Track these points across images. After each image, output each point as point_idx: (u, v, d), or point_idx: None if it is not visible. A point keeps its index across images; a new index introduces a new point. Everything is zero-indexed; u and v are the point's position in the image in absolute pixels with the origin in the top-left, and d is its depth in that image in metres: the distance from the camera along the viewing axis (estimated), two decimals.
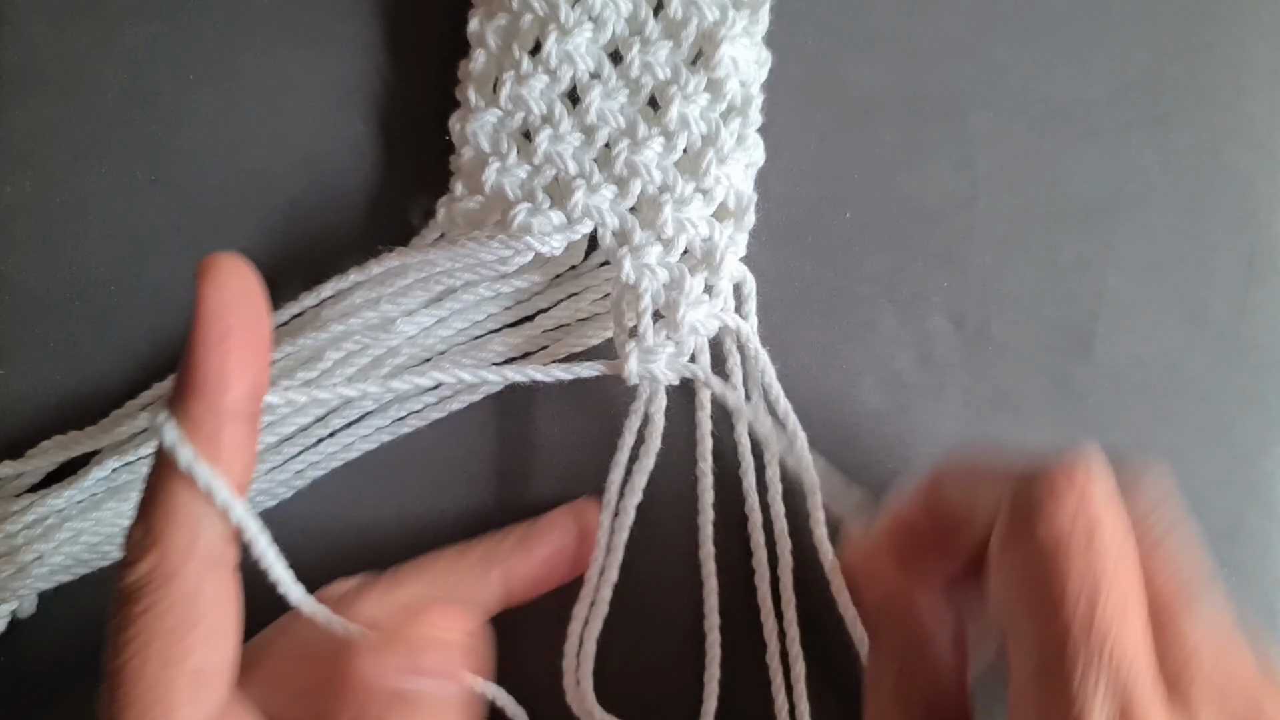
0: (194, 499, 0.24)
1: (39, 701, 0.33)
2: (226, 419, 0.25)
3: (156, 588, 0.24)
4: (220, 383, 0.25)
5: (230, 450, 0.25)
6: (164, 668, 0.24)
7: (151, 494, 0.24)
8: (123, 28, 0.35)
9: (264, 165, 0.35)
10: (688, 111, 0.33)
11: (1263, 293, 0.35)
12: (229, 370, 0.25)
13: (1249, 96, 0.36)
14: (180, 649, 0.24)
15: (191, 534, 0.24)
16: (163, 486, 0.24)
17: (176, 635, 0.24)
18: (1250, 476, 0.35)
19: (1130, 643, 0.23)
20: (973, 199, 0.35)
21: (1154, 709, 0.22)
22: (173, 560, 0.24)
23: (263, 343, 0.26)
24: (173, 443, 0.24)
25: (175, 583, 0.24)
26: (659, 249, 0.32)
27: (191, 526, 0.24)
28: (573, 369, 0.32)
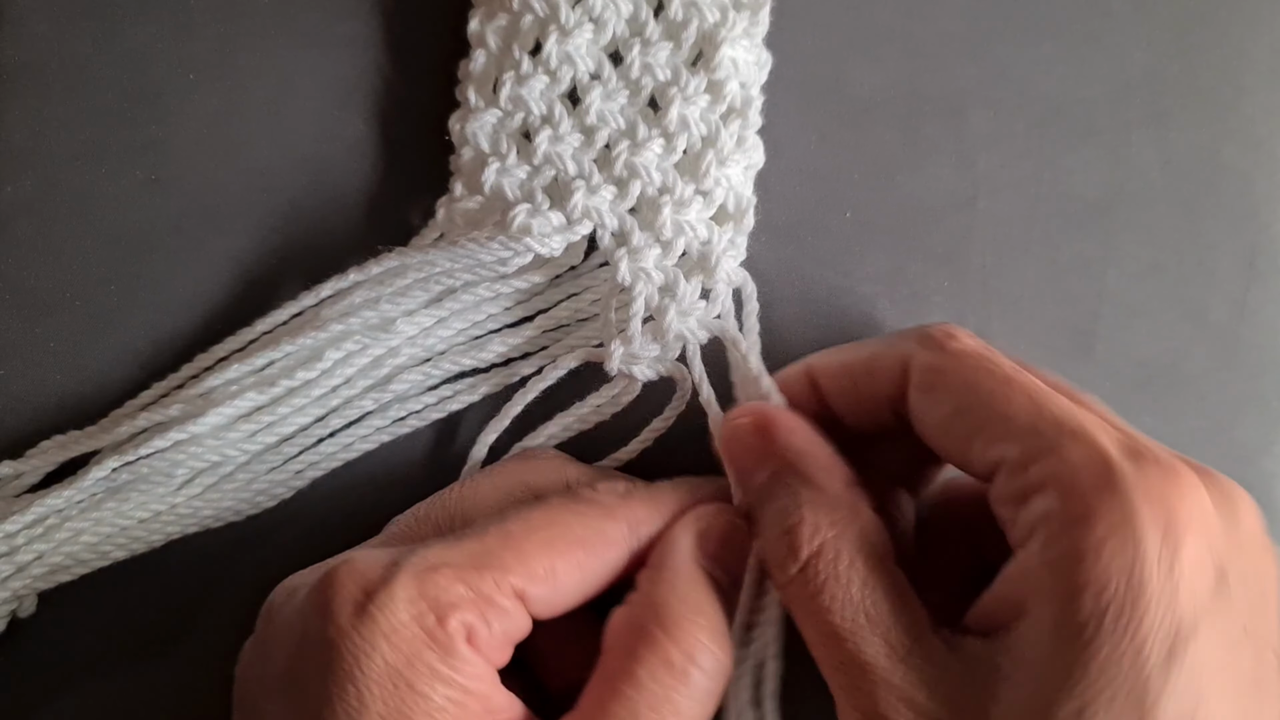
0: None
1: (39, 701, 0.33)
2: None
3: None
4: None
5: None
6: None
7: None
8: (123, 27, 0.35)
9: (264, 165, 0.35)
10: (688, 113, 0.33)
11: (1263, 293, 0.35)
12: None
13: (1249, 96, 0.36)
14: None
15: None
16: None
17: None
18: (1250, 476, 0.35)
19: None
20: (973, 199, 0.35)
21: (1138, 438, 0.26)
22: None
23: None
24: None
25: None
26: (657, 251, 0.32)
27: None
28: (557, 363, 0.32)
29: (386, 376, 0.33)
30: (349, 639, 0.25)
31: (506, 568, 0.26)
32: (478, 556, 0.26)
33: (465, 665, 0.25)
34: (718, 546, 0.28)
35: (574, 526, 0.28)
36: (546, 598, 0.27)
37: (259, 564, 0.33)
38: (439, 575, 0.26)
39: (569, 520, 0.28)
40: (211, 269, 0.35)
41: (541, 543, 0.27)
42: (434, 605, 0.25)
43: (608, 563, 0.28)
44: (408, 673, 0.25)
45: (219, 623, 0.33)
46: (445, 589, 0.25)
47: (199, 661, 0.33)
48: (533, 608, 0.27)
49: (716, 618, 0.27)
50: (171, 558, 0.33)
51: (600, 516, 0.28)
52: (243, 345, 0.34)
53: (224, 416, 0.32)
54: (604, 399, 0.33)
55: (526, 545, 0.27)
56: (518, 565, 0.26)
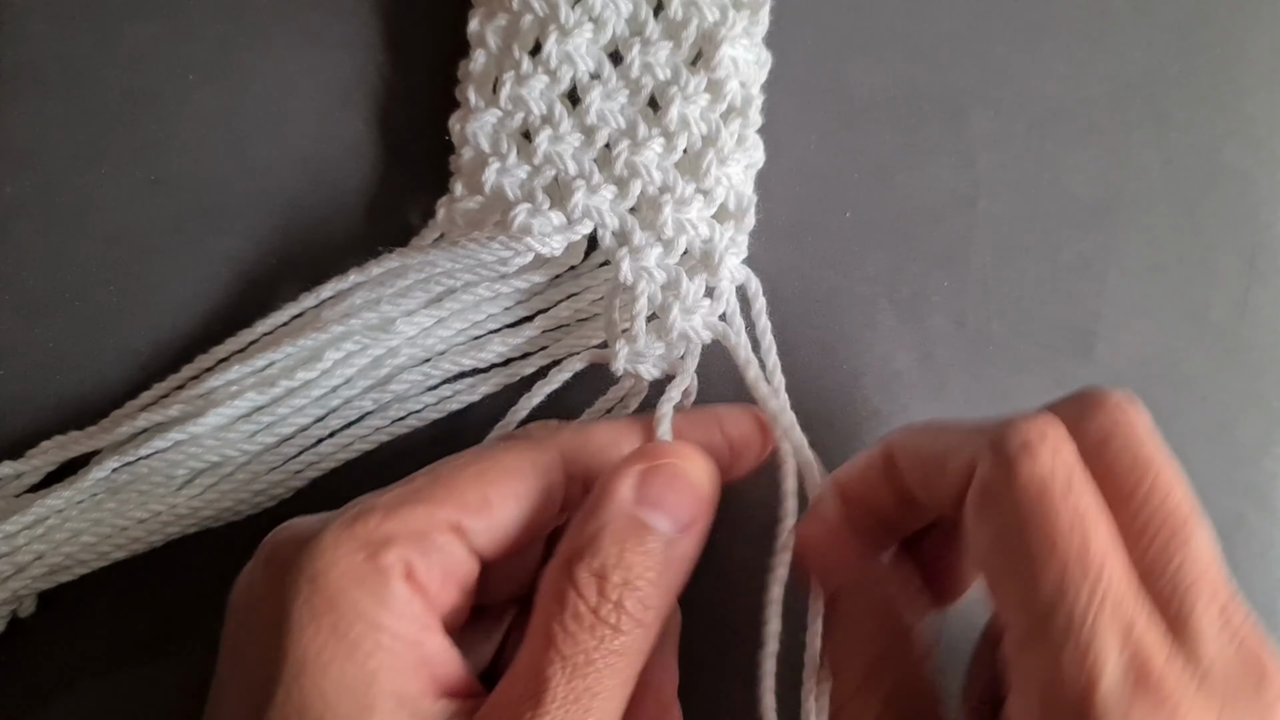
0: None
1: (39, 701, 0.33)
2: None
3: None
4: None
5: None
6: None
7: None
8: (123, 28, 0.35)
9: (264, 165, 0.35)
10: (688, 112, 0.33)
11: (1264, 292, 0.35)
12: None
13: (1249, 96, 0.36)
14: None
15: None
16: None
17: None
18: (1251, 476, 0.35)
19: (1124, 575, 0.23)
20: (973, 199, 0.35)
21: (1159, 636, 0.23)
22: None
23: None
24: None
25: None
26: (659, 250, 0.32)
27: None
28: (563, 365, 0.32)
29: (386, 376, 0.33)
30: (277, 588, 0.25)
31: (437, 501, 0.26)
32: (405, 495, 0.26)
33: (399, 603, 0.24)
34: (661, 487, 0.27)
35: (504, 458, 0.27)
36: (485, 530, 0.26)
37: None
38: (368, 518, 0.25)
39: (498, 454, 0.27)
40: (211, 269, 0.35)
41: (472, 475, 0.27)
42: (363, 545, 0.25)
43: (543, 492, 0.27)
44: (330, 615, 0.24)
45: (219, 623, 0.33)
46: (374, 529, 0.25)
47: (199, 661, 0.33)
48: (474, 542, 0.26)
49: (641, 565, 0.25)
50: (171, 558, 0.32)
51: (529, 446, 0.28)
52: (243, 346, 0.34)
53: (224, 417, 0.32)
54: (613, 401, 0.33)
55: (457, 479, 0.26)
56: (448, 498, 0.26)
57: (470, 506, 0.26)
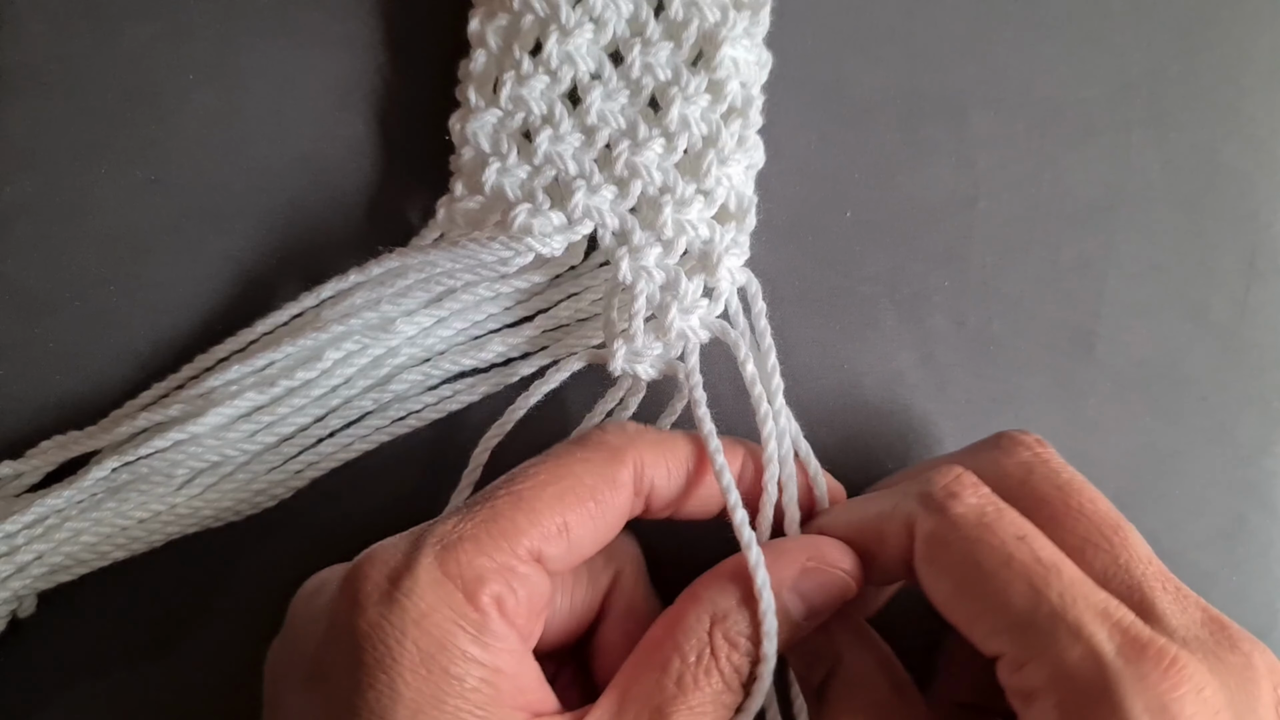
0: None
1: (39, 701, 0.33)
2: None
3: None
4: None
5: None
6: (554, 500, 0.27)
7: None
8: (123, 28, 0.35)
9: (264, 165, 0.35)
10: (688, 112, 0.33)
11: (1264, 292, 0.35)
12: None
13: (1249, 96, 0.36)
14: (578, 504, 0.27)
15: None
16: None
17: (582, 493, 0.27)
18: (1251, 476, 0.35)
19: (1081, 573, 0.25)
20: (973, 199, 0.35)
21: (1133, 616, 0.24)
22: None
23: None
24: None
25: (622, 471, 0.28)
26: (658, 250, 0.32)
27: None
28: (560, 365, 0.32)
29: (386, 376, 0.33)
30: (379, 629, 0.25)
31: (521, 531, 0.26)
32: (491, 524, 0.26)
33: (499, 641, 0.25)
34: (814, 589, 0.28)
35: (583, 476, 0.28)
36: (562, 555, 0.27)
37: (259, 564, 0.33)
38: (460, 551, 0.25)
39: (576, 470, 0.28)
40: (211, 269, 0.35)
41: (552, 499, 0.27)
42: (461, 584, 0.25)
43: (617, 509, 0.28)
44: (440, 657, 0.24)
45: (219, 623, 0.33)
46: (468, 564, 0.25)
47: (199, 661, 0.33)
48: (551, 567, 0.27)
49: (771, 645, 0.27)
50: (171, 558, 0.32)
51: (606, 460, 0.28)
52: (243, 346, 0.34)
53: (224, 416, 0.32)
54: (613, 402, 0.33)
55: (538, 504, 0.27)
56: (531, 527, 0.26)
57: (550, 535, 0.27)
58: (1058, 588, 0.24)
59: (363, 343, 0.33)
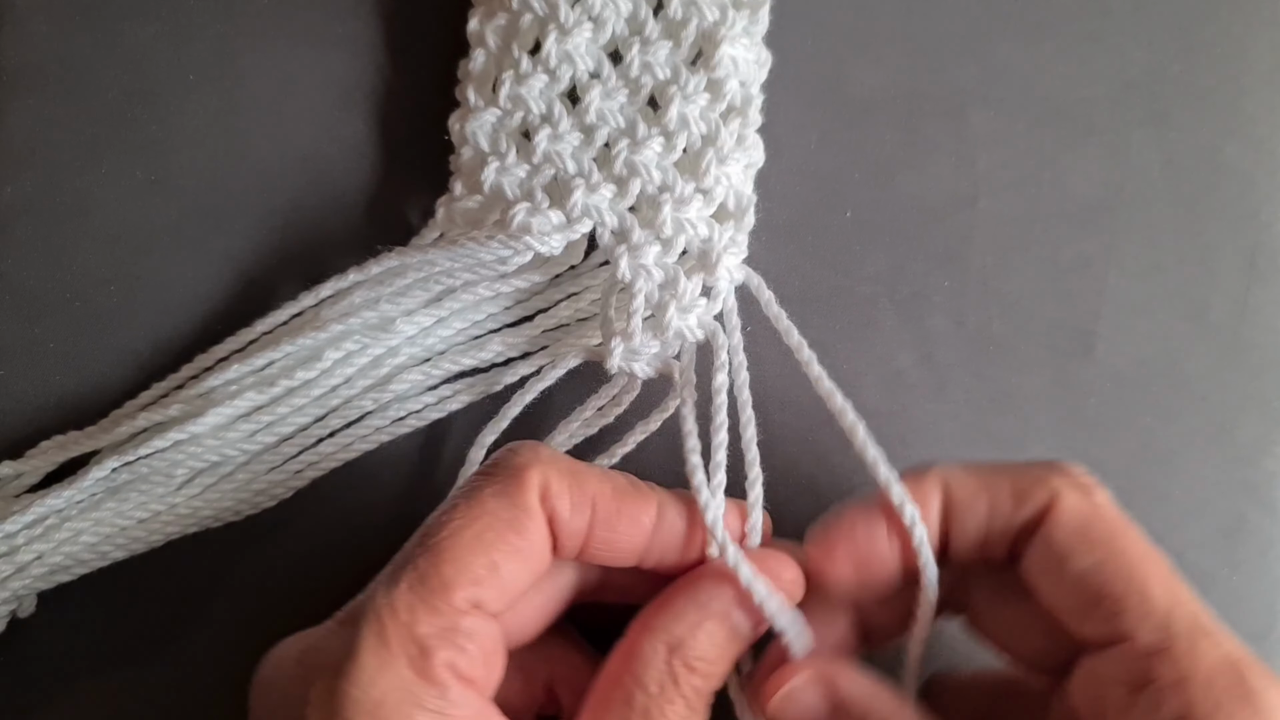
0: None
1: (39, 701, 0.33)
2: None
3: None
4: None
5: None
6: (474, 542, 0.26)
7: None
8: (123, 28, 0.35)
9: (264, 165, 0.35)
10: (687, 111, 0.33)
11: (1264, 292, 0.35)
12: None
13: (1249, 96, 0.36)
14: (499, 541, 0.26)
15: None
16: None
17: (501, 529, 0.26)
18: (1251, 476, 0.35)
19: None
20: (973, 198, 0.35)
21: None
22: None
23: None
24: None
25: (531, 499, 0.27)
26: (657, 249, 0.32)
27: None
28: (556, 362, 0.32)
29: (386, 376, 0.33)
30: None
31: (451, 585, 0.25)
32: (418, 585, 0.25)
33: (460, 709, 0.24)
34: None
35: (497, 510, 0.26)
36: (498, 596, 0.26)
37: (259, 564, 0.33)
38: (394, 622, 0.24)
39: (489, 506, 0.26)
40: (211, 269, 0.35)
41: (472, 541, 0.26)
42: (408, 661, 0.24)
43: (540, 536, 0.27)
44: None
45: (219, 623, 0.33)
46: (409, 637, 0.24)
47: (199, 661, 0.33)
48: (491, 609, 0.26)
49: (727, 659, 0.27)
50: (171, 558, 0.32)
51: (515, 487, 0.26)
52: (243, 345, 0.34)
53: (224, 416, 0.32)
54: (605, 399, 0.33)
55: (459, 552, 0.25)
56: (458, 575, 0.25)
57: (481, 579, 0.25)
58: (1190, 597, 0.26)
59: (362, 342, 0.33)
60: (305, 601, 0.27)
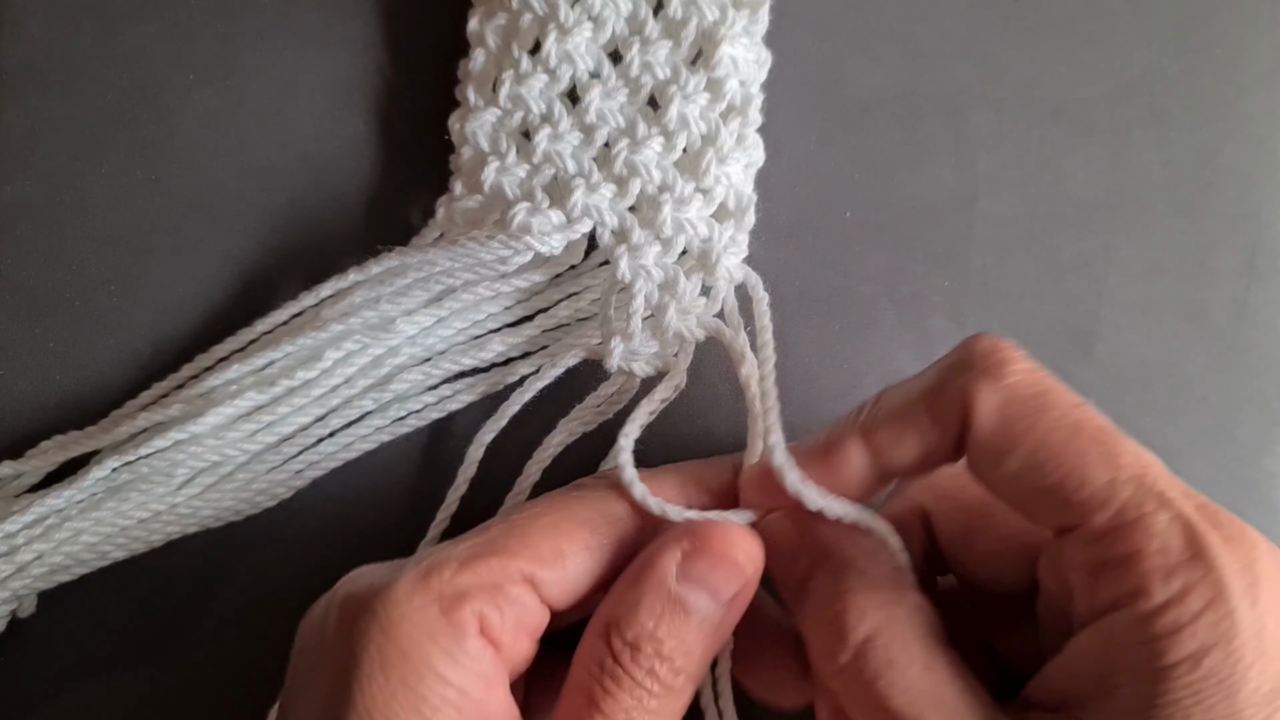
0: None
1: (39, 701, 0.33)
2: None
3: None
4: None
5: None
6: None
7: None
8: (123, 27, 0.35)
9: (264, 165, 0.35)
10: (687, 111, 0.33)
11: (1264, 292, 0.35)
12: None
13: (1249, 96, 0.36)
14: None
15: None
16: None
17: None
18: (1251, 476, 0.35)
19: (1135, 444, 0.25)
20: (973, 199, 0.35)
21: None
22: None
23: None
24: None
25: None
26: (657, 248, 0.32)
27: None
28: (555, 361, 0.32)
29: (386, 376, 0.33)
30: (349, 636, 0.25)
31: (512, 553, 0.26)
32: (481, 546, 0.26)
33: (471, 661, 0.25)
34: (705, 568, 0.27)
35: (576, 509, 0.28)
36: (558, 582, 0.27)
37: (259, 564, 0.33)
38: (443, 569, 0.25)
39: (570, 504, 0.28)
40: (211, 269, 0.35)
41: (546, 526, 0.27)
42: (439, 599, 0.25)
43: (615, 541, 0.28)
44: (401, 667, 0.24)
45: (219, 623, 0.33)
46: (449, 581, 0.25)
47: (199, 661, 0.33)
48: (546, 594, 0.26)
49: (680, 636, 0.26)
50: (171, 558, 0.33)
51: (602, 496, 0.28)
52: (243, 345, 0.34)
53: (224, 416, 0.32)
54: (602, 398, 0.33)
55: (530, 531, 0.27)
56: (523, 550, 0.26)
57: (544, 559, 0.26)
58: (1130, 454, 0.24)
59: (363, 342, 0.33)
60: (305, 601, 0.27)
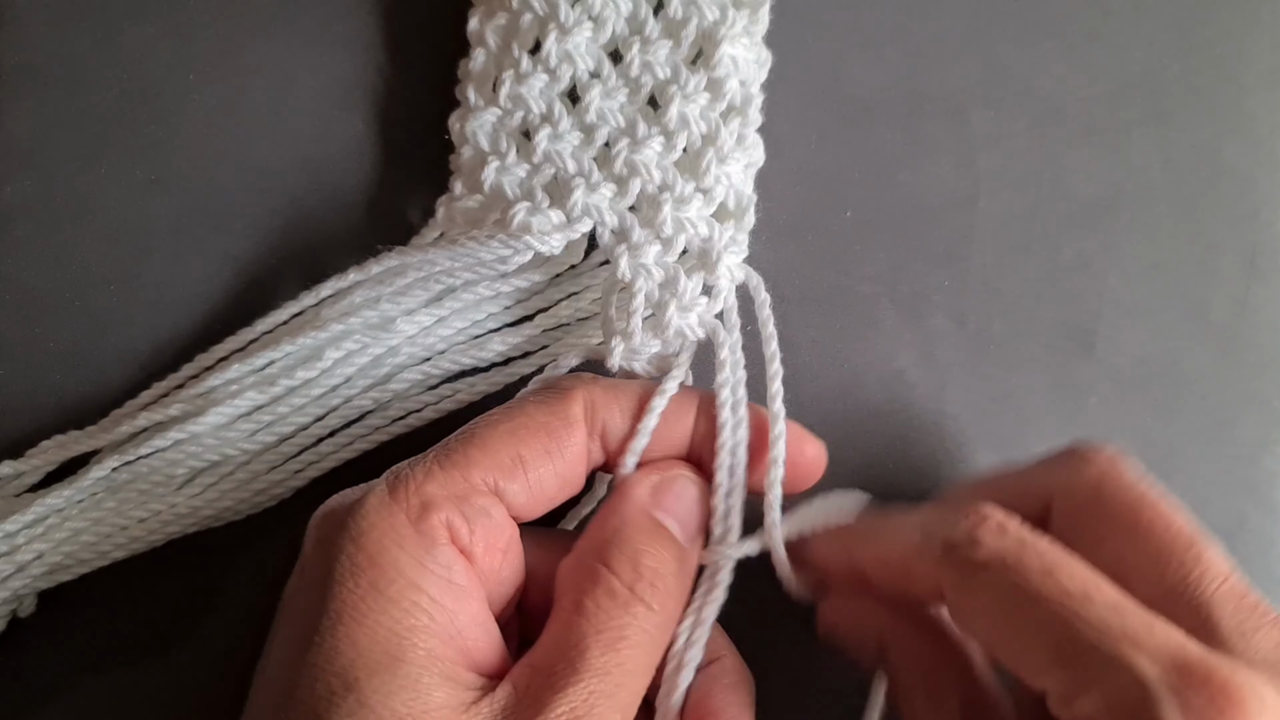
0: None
1: (39, 701, 0.33)
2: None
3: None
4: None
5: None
6: (509, 434, 0.28)
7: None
8: (123, 27, 0.35)
9: (264, 165, 0.35)
10: (687, 111, 0.33)
11: (1264, 291, 0.35)
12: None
13: (1249, 96, 0.36)
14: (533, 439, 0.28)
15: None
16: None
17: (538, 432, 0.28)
18: (1251, 475, 0.35)
19: (1117, 598, 0.24)
20: (973, 198, 0.35)
21: (1186, 637, 0.23)
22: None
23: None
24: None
25: (575, 409, 0.29)
26: (657, 248, 0.32)
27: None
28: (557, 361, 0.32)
29: (386, 376, 0.33)
30: (321, 546, 0.26)
31: (472, 462, 0.27)
32: (443, 459, 0.27)
33: (442, 570, 0.25)
34: (672, 500, 0.28)
35: (534, 413, 0.28)
36: (521, 490, 0.27)
37: (259, 564, 0.33)
38: (409, 482, 0.26)
39: (527, 409, 0.28)
40: (211, 269, 0.35)
41: (505, 433, 0.27)
42: (406, 509, 0.26)
43: (574, 447, 0.28)
44: (370, 571, 0.25)
45: (219, 623, 0.33)
46: (415, 491, 0.26)
47: (199, 661, 0.33)
48: (511, 503, 0.27)
49: (662, 556, 0.27)
50: (171, 558, 0.32)
51: (558, 398, 0.28)
52: (243, 345, 0.34)
53: (224, 416, 0.32)
54: None
55: (489, 439, 0.27)
56: (484, 458, 0.27)
57: (505, 466, 0.27)
58: (1091, 616, 0.23)
59: (363, 342, 0.33)
60: None
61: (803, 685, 0.32)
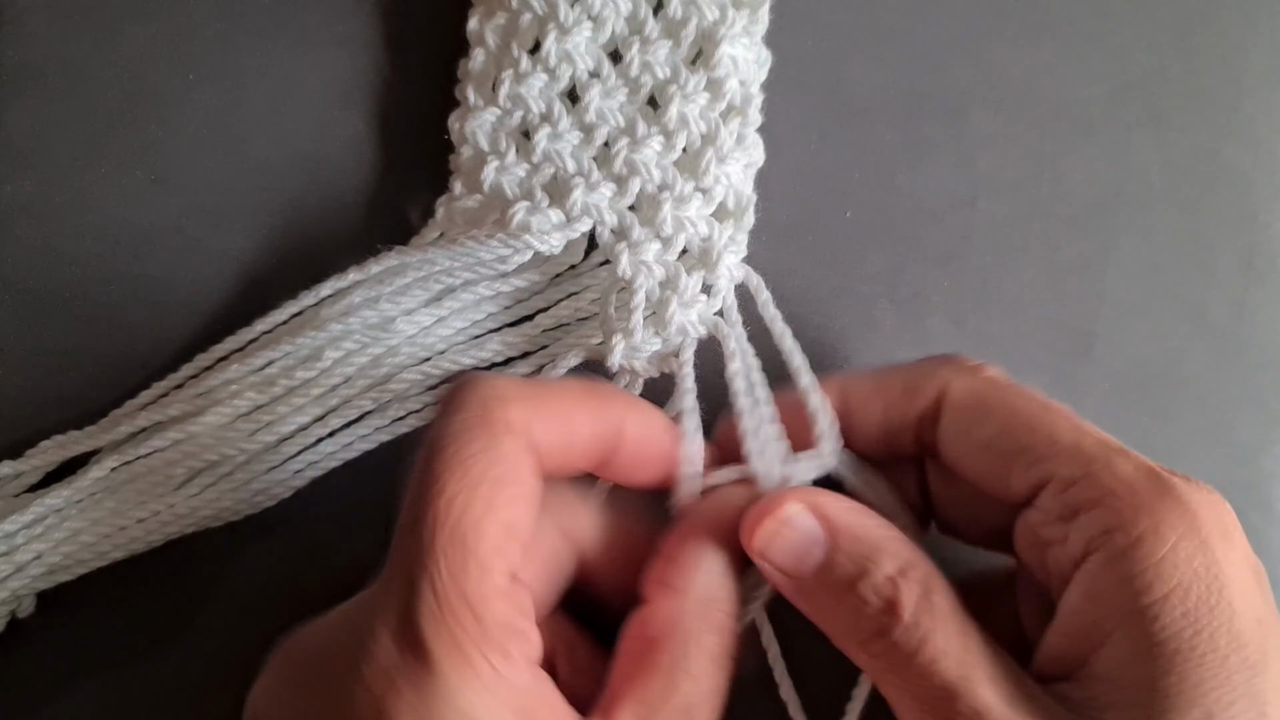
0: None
1: (39, 701, 0.33)
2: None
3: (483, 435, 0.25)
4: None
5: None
6: (486, 512, 0.25)
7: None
8: (123, 27, 0.35)
9: (264, 164, 0.35)
10: (687, 111, 0.33)
11: (1262, 293, 0.35)
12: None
13: (1249, 96, 0.36)
14: (503, 498, 0.25)
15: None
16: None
17: (500, 485, 0.25)
18: (1250, 476, 0.35)
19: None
20: (973, 199, 0.35)
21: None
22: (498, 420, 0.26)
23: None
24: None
25: (507, 438, 0.25)
26: (657, 246, 0.32)
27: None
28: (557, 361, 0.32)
29: (386, 376, 0.33)
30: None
31: (487, 568, 0.24)
32: (459, 577, 0.24)
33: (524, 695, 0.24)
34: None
35: (487, 469, 0.25)
36: (521, 552, 0.25)
37: (259, 564, 0.33)
38: (464, 626, 0.24)
39: (476, 465, 0.25)
40: (211, 269, 0.35)
41: (483, 513, 0.25)
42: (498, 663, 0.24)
43: (530, 476, 0.26)
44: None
45: (219, 622, 0.33)
46: (484, 638, 0.24)
47: (199, 661, 0.33)
48: (520, 571, 0.25)
49: (715, 641, 0.27)
50: (171, 558, 0.32)
51: (488, 435, 0.26)
52: (243, 345, 0.34)
53: (223, 416, 0.32)
54: None
55: (482, 530, 0.25)
56: (491, 556, 0.25)
57: (505, 548, 0.25)
58: (1095, 429, 0.26)
59: (362, 342, 0.33)
60: (305, 601, 0.27)
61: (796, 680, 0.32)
